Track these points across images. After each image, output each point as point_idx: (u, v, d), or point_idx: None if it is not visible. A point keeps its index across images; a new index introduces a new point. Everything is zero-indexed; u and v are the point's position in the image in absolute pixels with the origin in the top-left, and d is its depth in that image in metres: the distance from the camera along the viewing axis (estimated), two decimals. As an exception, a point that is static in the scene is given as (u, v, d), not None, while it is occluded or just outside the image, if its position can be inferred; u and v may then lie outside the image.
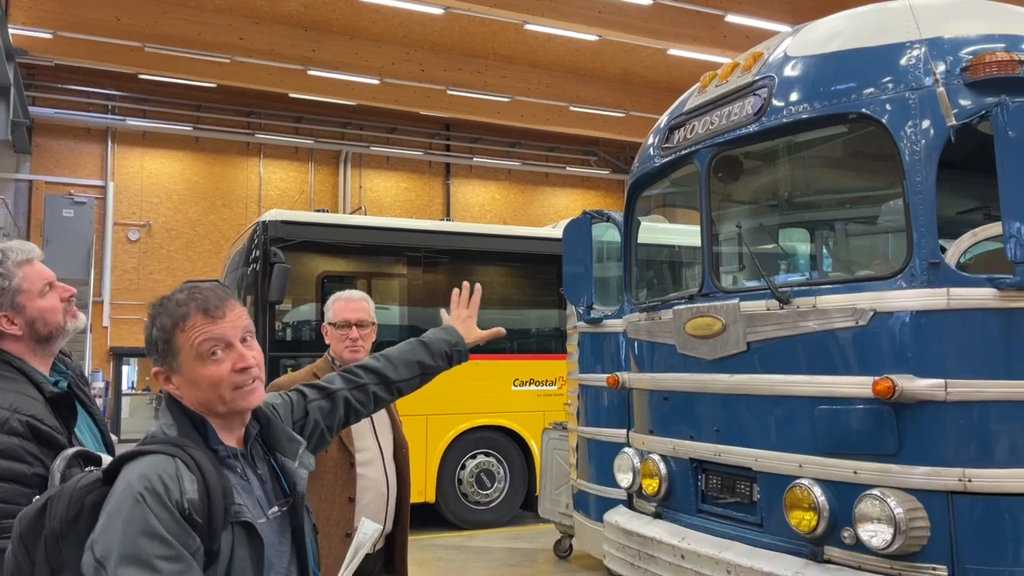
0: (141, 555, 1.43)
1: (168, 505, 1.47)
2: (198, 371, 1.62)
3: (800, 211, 4.56)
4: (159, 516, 1.46)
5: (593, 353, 6.24)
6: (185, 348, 1.62)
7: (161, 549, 1.44)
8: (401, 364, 2.24)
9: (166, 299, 1.68)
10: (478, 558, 7.74)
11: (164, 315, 1.64)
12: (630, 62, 19.59)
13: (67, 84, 19.48)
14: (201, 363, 1.62)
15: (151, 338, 1.66)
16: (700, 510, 3.90)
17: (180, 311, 1.63)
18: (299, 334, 8.92)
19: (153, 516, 1.45)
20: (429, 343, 2.31)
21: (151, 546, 1.44)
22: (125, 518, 1.45)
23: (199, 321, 1.63)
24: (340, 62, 17.92)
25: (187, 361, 1.62)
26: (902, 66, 3.13)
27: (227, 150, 21.34)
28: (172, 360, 1.63)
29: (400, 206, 22.92)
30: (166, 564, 1.44)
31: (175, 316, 1.63)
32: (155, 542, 1.44)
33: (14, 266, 2.10)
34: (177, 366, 1.63)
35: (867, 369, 3.06)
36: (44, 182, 19.67)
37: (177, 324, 1.63)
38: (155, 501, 1.46)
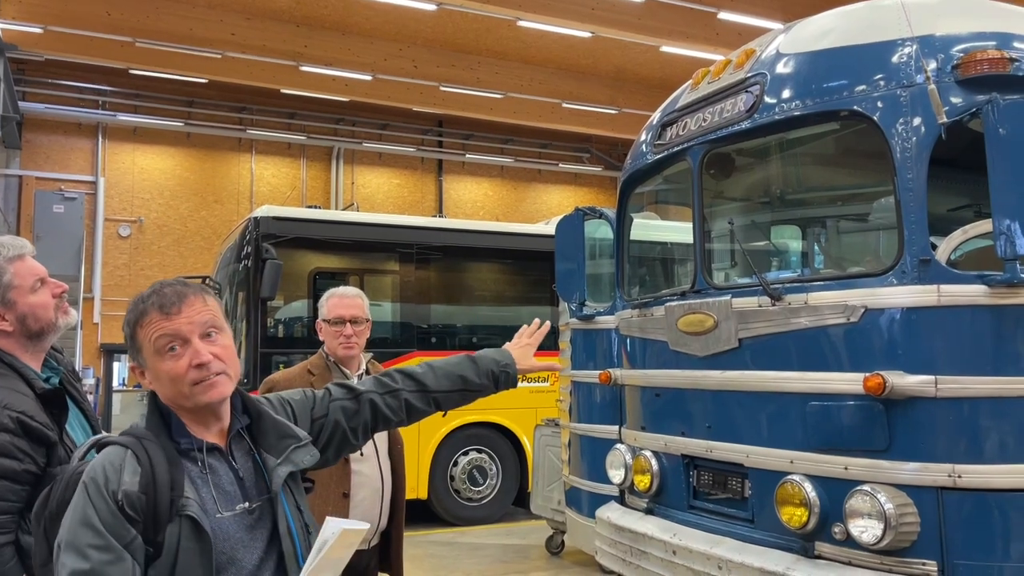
0: (76, 543, 1.49)
1: (104, 495, 1.52)
2: (159, 367, 1.66)
3: (792, 208, 4.57)
4: (96, 506, 1.51)
5: (585, 350, 6.25)
6: (145, 345, 1.67)
7: (92, 538, 1.49)
8: (443, 375, 2.19)
9: (136, 297, 1.73)
10: (470, 554, 7.75)
11: (130, 312, 1.71)
12: (623, 59, 19.59)
13: (57, 79, 19.37)
14: (160, 359, 1.66)
15: (124, 335, 1.74)
16: (692, 506, 3.91)
17: (139, 308, 1.68)
18: (291, 331, 8.90)
19: (91, 506, 1.51)
20: (477, 359, 2.26)
21: (84, 535, 1.49)
22: (73, 506, 1.53)
23: (155, 318, 1.66)
24: (332, 58, 17.87)
25: (149, 357, 1.67)
26: (894, 63, 3.14)
27: (219, 146, 21.27)
28: (138, 356, 1.69)
29: (392, 202, 22.89)
30: (95, 553, 1.48)
31: (136, 313, 1.69)
32: (88, 531, 1.50)
33: (5, 262, 2.10)
34: (143, 362, 1.68)
35: (858, 365, 3.08)
36: (34, 178, 19.56)
37: (138, 321, 1.68)
38: (95, 491, 1.52)
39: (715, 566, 3.48)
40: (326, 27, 17.82)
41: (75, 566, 1.47)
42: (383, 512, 3.18)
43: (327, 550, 1.68)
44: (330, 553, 1.70)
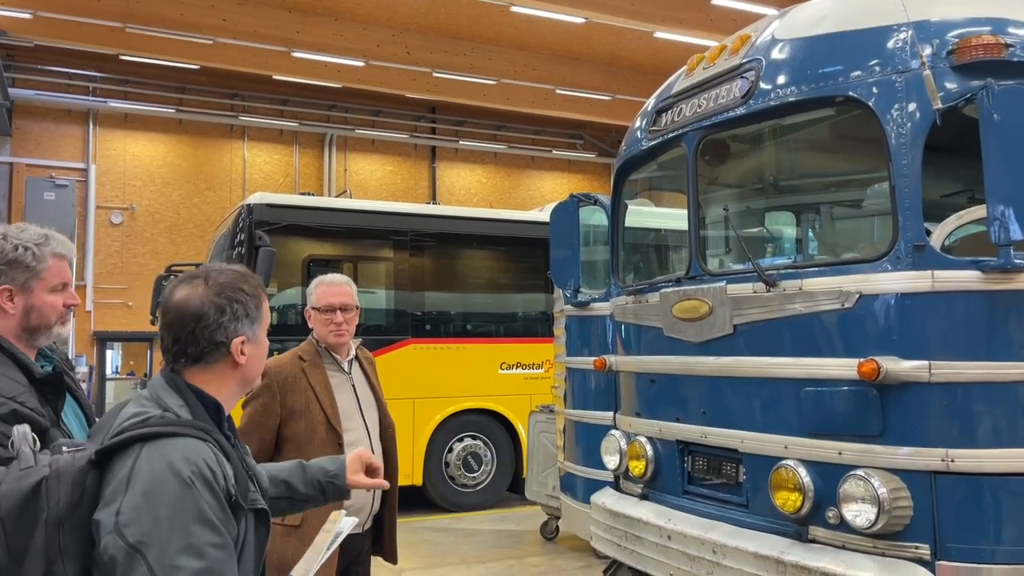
0: (193, 542, 1.40)
1: (217, 491, 1.47)
2: (265, 341, 1.73)
3: (787, 194, 4.57)
4: (209, 503, 1.44)
5: (580, 336, 6.26)
6: (265, 317, 1.72)
7: (213, 536, 1.43)
8: (271, 478, 2.06)
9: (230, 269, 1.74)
10: (466, 540, 7.78)
11: (247, 282, 1.71)
12: (617, 45, 19.53)
13: (47, 65, 19.22)
14: (265, 335, 1.74)
15: (244, 303, 1.67)
16: (686, 491, 3.93)
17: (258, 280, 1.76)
18: (285, 318, 8.89)
19: (205, 502, 1.44)
20: (307, 467, 2.14)
21: (204, 533, 1.42)
22: (173, 502, 1.42)
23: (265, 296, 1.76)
24: (325, 44, 17.77)
25: (263, 330, 1.72)
26: (889, 49, 3.14)
27: (211, 133, 21.16)
28: (258, 328, 1.70)
29: (386, 189, 22.82)
30: (215, 552, 1.43)
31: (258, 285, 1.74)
32: (207, 529, 1.43)
33: (50, 254, 2.13)
34: (256, 335, 1.70)
35: (852, 351, 3.09)
36: (25, 164, 19.44)
37: (261, 292, 1.73)
38: (205, 487, 1.45)
39: (710, 551, 3.50)
40: (318, 13, 17.71)
41: (196, 566, 1.40)
42: (376, 496, 3.19)
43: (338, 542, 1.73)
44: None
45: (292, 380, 3.13)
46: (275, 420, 3.10)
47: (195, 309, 1.63)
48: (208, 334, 1.63)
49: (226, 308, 1.65)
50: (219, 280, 1.67)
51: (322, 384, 3.15)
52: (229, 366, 1.67)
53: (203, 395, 1.63)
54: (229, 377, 1.68)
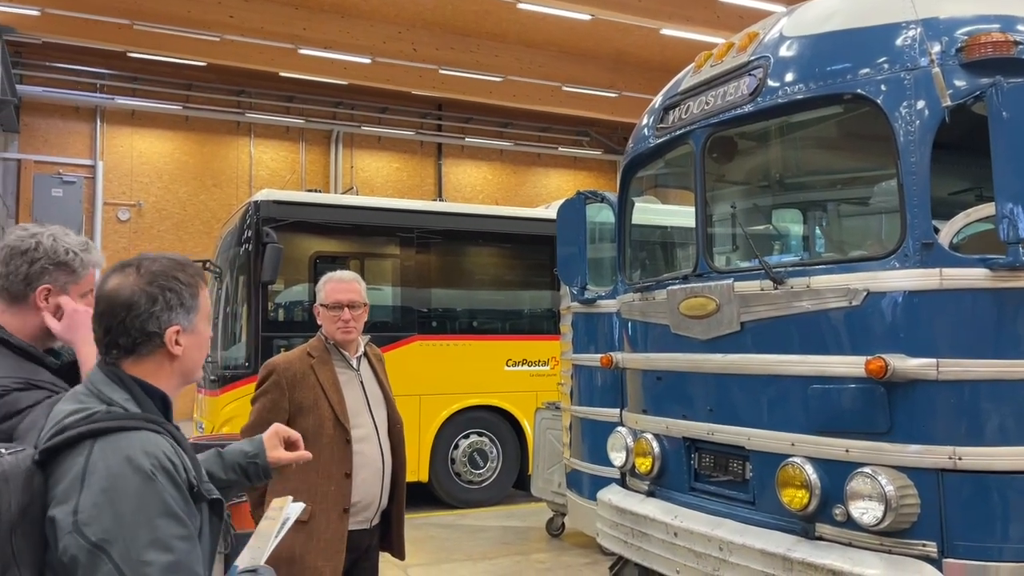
0: (160, 536, 1.38)
1: (179, 483, 1.44)
2: (206, 331, 1.67)
3: (794, 192, 4.57)
4: (173, 495, 1.42)
5: (587, 333, 6.27)
6: (204, 306, 1.67)
7: (178, 529, 1.41)
8: None
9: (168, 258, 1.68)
10: (471, 536, 7.80)
11: (184, 271, 1.65)
12: (623, 42, 19.50)
13: (55, 62, 19.27)
14: (206, 325, 1.68)
15: (177, 292, 1.61)
16: (693, 488, 3.94)
17: (197, 269, 1.70)
18: (291, 314, 8.92)
19: (168, 495, 1.41)
20: (224, 454, 2.01)
21: (169, 526, 1.39)
22: (135, 498, 1.38)
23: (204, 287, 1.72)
24: (331, 41, 17.78)
25: (202, 321, 1.66)
26: (898, 46, 3.14)
27: (217, 129, 21.19)
28: (194, 317, 1.64)
29: (392, 186, 22.84)
30: (182, 544, 1.40)
31: (196, 274, 1.68)
32: (173, 522, 1.40)
33: (91, 263, 2.18)
34: (194, 325, 1.64)
35: (860, 349, 3.09)
36: (33, 161, 19.50)
37: (200, 281, 1.68)
38: (167, 479, 1.42)
39: (716, 547, 3.50)
40: (325, 9, 17.72)
41: (165, 560, 1.37)
42: (383, 491, 3.21)
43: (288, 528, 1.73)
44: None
45: (301, 376, 3.14)
46: (283, 416, 3.11)
47: (125, 298, 1.57)
48: (140, 324, 1.57)
49: (158, 297, 1.59)
50: (152, 268, 1.62)
51: (330, 380, 3.16)
52: (165, 357, 1.61)
53: (148, 387, 1.58)
54: (166, 369, 1.62)
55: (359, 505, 3.13)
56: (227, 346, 8.96)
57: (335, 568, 3.02)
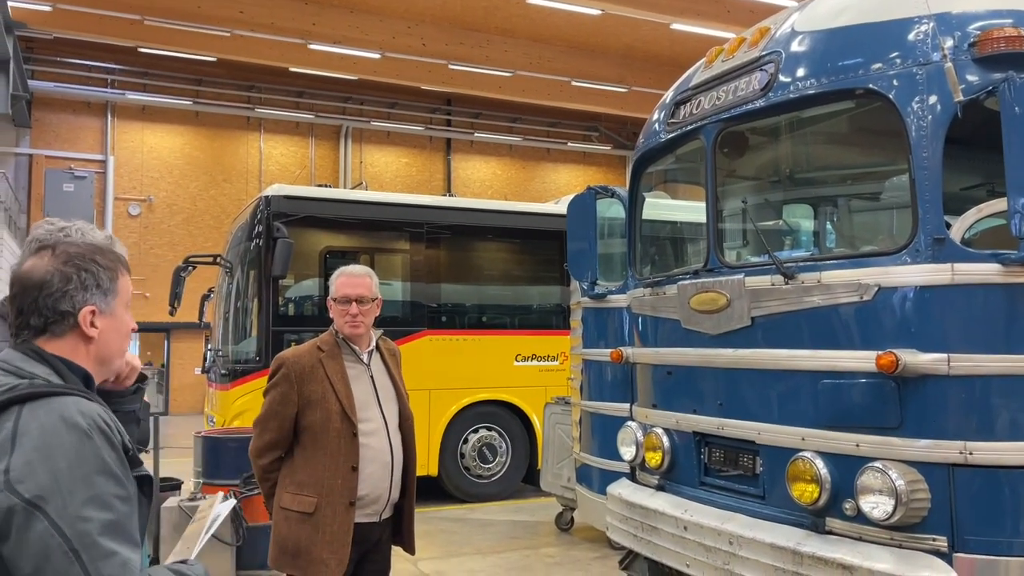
0: (99, 493, 1.34)
1: (115, 444, 1.41)
2: (123, 319, 1.63)
3: (805, 187, 4.56)
4: (110, 455, 1.39)
5: (597, 328, 6.28)
6: (123, 293, 1.63)
7: (117, 488, 1.37)
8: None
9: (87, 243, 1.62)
10: (481, 530, 7.83)
11: (107, 256, 1.62)
12: (633, 37, 19.47)
13: (66, 57, 19.36)
14: (125, 312, 1.64)
15: (93, 273, 1.57)
16: (703, 483, 3.94)
17: (117, 255, 1.65)
18: (301, 309, 8.96)
19: (106, 454, 1.38)
20: None
21: (108, 484, 1.36)
22: (72, 454, 1.35)
23: (126, 272, 1.68)
24: (341, 36, 17.82)
25: (119, 307, 1.62)
26: (910, 41, 3.13)
27: (227, 125, 21.27)
28: (112, 300, 1.60)
29: (401, 181, 22.87)
30: (120, 504, 1.37)
31: (116, 259, 1.64)
32: (111, 481, 1.37)
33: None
34: (112, 308, 1.60)
35: (871, 344, 3.09)
36: (44, 156, 19.61)
37: (121, 270, 1.64)
38: (103, 439, 1.39)
39: (726, 541, 3.51)
40: (334, 5, 17.75)
41: (104, 517, 1.33)
42: (393, 485, 3.22)
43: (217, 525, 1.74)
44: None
45: (309, 370, 3.16)
46: (292, 409, 3.14)
47: (39, 278, 1.54)
48: (52, 303, 1.53)
49: (72, 276, 1.55)
50: (68, 250, 1.58)
51: (339, 374, 3.17)
52: (80, 339, 1.56)
53: (71, 363, 1.53)
54: (81, 352, 1.56)
55: (367, 498, 3.14)
56: (238, 340, 9.01)
57: (341, 560, 3.04)
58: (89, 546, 1.30)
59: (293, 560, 3.06)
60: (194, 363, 19.28)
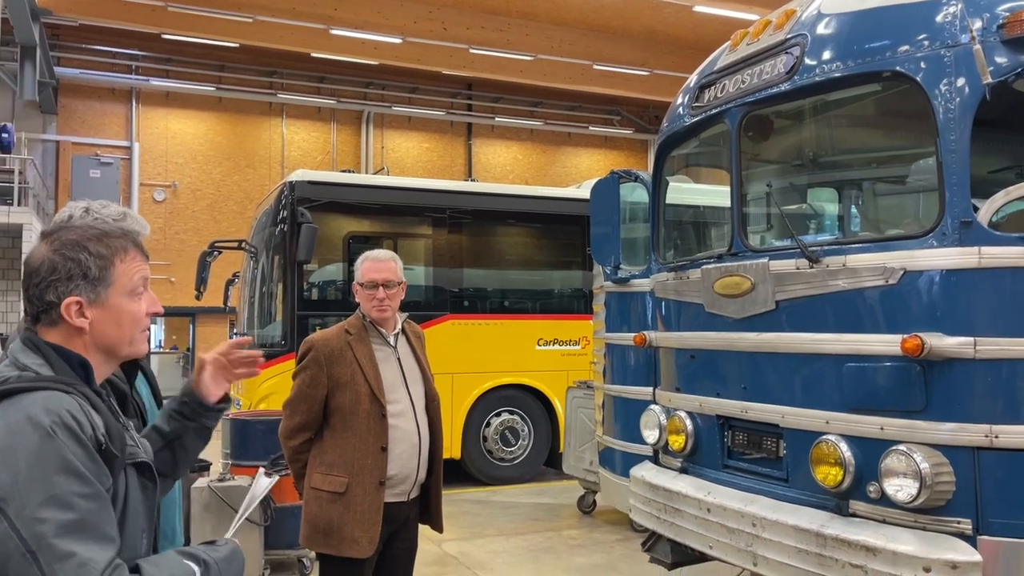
0: (57, 493, 1.33)
1: (83, 440, 1.38)
2: (125, 306, 1.57)
3: (831, 170, 4.54)
4: (75, 452, 1.36)
5: (620, 312, 6.30)
6: (121, 279, 1.56)
7: (80, 487, 1.35)
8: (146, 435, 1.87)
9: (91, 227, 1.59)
10: (503, 512, 7.91)
11: (100, 243, 1.56)
12: (655, 19, 19.31)
13: (91, 44, 19.51)
14: (130, 299, 1.58)
15: (78, 264, 1.52)
16: (726, 465, 3.97)
17: (120, 242, 1.59)
18: (325, 293, 9.05)
19: (69, 452, 1.36)
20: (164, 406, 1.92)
21: (69, 483, 1.34)
22: (32, 454, 1.34)
23: (137, 256, 1.61)
24: (362, 21, 17.82)
25: (116, 294, 1.56)
26: (938, 23, 3.11)
27: (250, 110, 21.36)
28: (102, 291, 1.54)
29: (422, 166, 22.89)
30: (84, 503, 1.35)
31: (116, 247, 1.58)
32: (72, 479, 1.35)
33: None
34: (104, 298, 1.54)
35: (896, 327, 3.09)
36: (71, 143, 19.82)
37: (117, 254, 1.57)
38: (68, 436, 1.37)
39: (749, 524, 3.54)
40: (356, -11, 17.75)
41: (63, 518, 1.32)
42: (420, 466, 3.28)
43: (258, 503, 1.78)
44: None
45: (338, 353, 3.22)
46: (322, 391, 3.20)
47: (32, 266, 1.53)
48: (39, 292, 1.52)
49: (59, 266, 1.51)
50: (64, 237, 1.55)
51: (367, 357, 3.23)
52: (72, 330, 1.53)
53: (65, 351, 1.52)
54: (77, 341, 1.54)
55: (396, 478, 3.20)
56: (263, 325, 9.12)
57: (371, 538, 3.10)
58: (45, 548, 1.30)
59: (325, 539, 3.13)
60: (219, 347, 19.49)
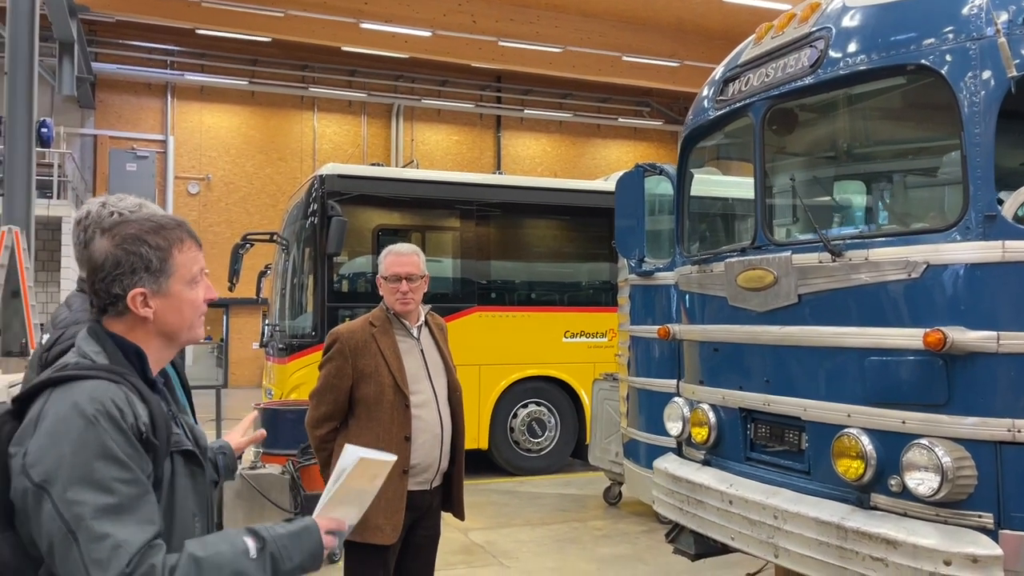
0: (97, 477, 1.40)
1: (124, 428, 1.46)
2: (184, 295, 1.66)
3: (854, 163, 4.52)
4: (115, 439, 1.44)
5: (644, 305, 6.32)
6: (180, 270, 1.65)
7: (119, 472, 1.42)
8: None
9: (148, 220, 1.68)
10: (530, 503, 7.97)
11: (158, 235, 1.65)
12: (684, 10, 19.18)
13: (127, 40, 19.84)
14: (189, 287, 1.66)
15: (140, 256, 1.61)
16: (748, 458, 3.98)
17: (176, 234, 1.67)
18: (355, 285, 9.15)
19: (110, 439, 1.43)
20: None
21: (108, 469, 1.42)
22: (75, 440, 1.42)
23: (193, 247, 1.69)
24: (392, 14, 17.92)
25: (176, 283, 1.64)
26: (963, 16, 3.08)
27: (282, 104, 21.60)
28: (164, 281, 1.63)
29: (451, 159, 22.98)
30: (123, 487, 1.42)
31: (172, 238, 1.66)
32: (112, 465, 1.42)
33: None
34: (166, 288, 1.63)
35: (918, 321, 3.08)
36: (108, 137, 20.19)
37: (175, 245, 1.66)
38: (110, 424, 1.45)
39: (771, 515, 3.55)
40: (386, -17, 17.84)
41: (101, 501, 1.39)
42: (443, 455, 3.35)
43: (345, 479, 1.72)
44: (350, 483, 1.74)
45: (363, 345, 3.29)
46: (347, 382, 3.27)
47: (96, 261, 1.62)
48: (105, 286, 1.61)
49: (122, 260, 1.60)
50: (124, 232, 1.64)
51: (391, 348, 3.30)
52: (137, 319, 1.63)
53: (122, 341, 1.61)
54: (140, 330, 1.64)
55: (419, 467, 3.27)
56: (294, 316, 9.25)
57: (395, 525, 3.18)
58: (83, 529, 1.38)
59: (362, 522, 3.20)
60: (252, 337, 19.81)
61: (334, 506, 1.74)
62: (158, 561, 1.41)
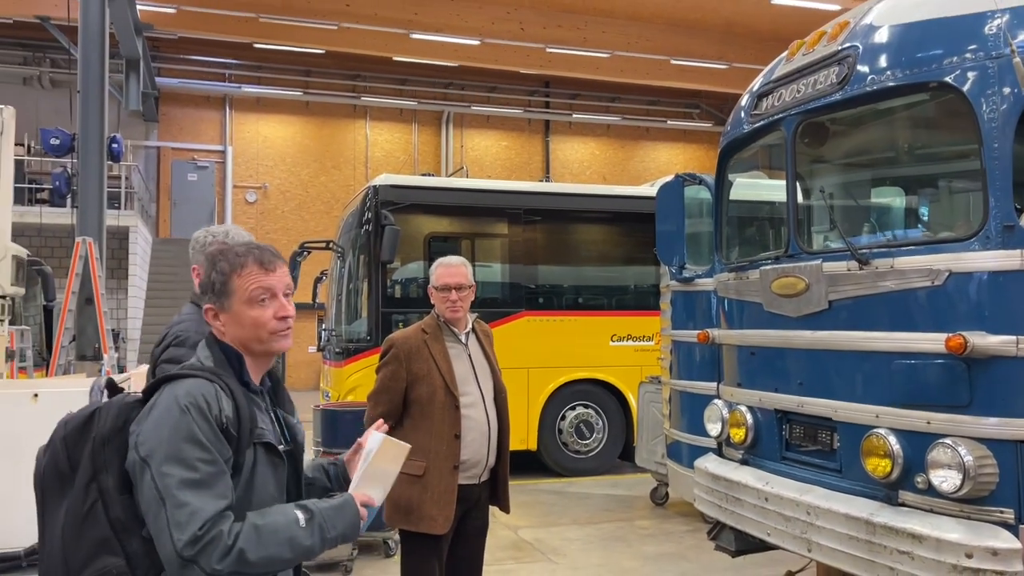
0: (184, 456, 1.71)
1: (209, 418, 1.76)
2: (247, 313, 1.91)
3: (882, 175, 4.65)
4: (200, 427, 1.74)
5: (685, 310, 6.49)
6: (239, 291, 1.91)
7: (201, 453, 1.72)
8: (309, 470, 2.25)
9: (226, 248, 1.97)
10: (578, 503, 8.17)
11: (224, 261, 1.93)
12: (732, 12, 19.15)
13: (188, 55, 20.57)
14: (250, 306, 1.91)
15: (209, 279, 1.93)
16: (784, 457, 4.15)
17: (239, 260, 1.93)
18: (408, 291, 9.47)
19: (196, 426, 1.74)
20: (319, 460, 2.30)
21: (192, 450, 1.72)
22: (172, 425, 1.73)
23: (255, 270, 1.93)
24: (442, 24, 18.27)
25: (238, 303, 1.91)
26: (983, 35, 3.23)
27: (335, 113, 22.13)
28: (224, 300, 1.92)
29: (500, 164, 23.26)
30: (204, 466, 1.72)
31: (234, 263, 1.92)
32: (196, 447, 1.72)
33: None
34: (228, 306, 1.92)
35: (942, 326, 3.23)
36: (170, 148, 20.95)
37: (235, 270, 1.92)
38: (198, 414, 1.75)
39: (804, 512, 3.72)
40: (434, -6, 18.21)
41: (185, 475, 1.69)
42: (490, 452, 3.62)
43: (372, 458, 2.03)
44: (376, 462, 2.04)
45: (416, 350, 3.58)
46: (402, 384, 3.57)
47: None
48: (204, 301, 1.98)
49: (203, 282, 1.97)
50: (209, 253, 1.99)
51: (441, 353, 3.58)
52: (218, 331, 1.95)
53: (227, 348, 1.93)
54: (226, 339, 1.94)
55: (468, 463, 3.54)
56: (350, 321, 9.61)
57: (447, 517, 3.45)
58: (169, 496, 1.68)
59: (406, 517, 3.49)
60: (309, 342, 20.34)
61: (364, 484, 2.03)
62: (226, 527, 1.69)
